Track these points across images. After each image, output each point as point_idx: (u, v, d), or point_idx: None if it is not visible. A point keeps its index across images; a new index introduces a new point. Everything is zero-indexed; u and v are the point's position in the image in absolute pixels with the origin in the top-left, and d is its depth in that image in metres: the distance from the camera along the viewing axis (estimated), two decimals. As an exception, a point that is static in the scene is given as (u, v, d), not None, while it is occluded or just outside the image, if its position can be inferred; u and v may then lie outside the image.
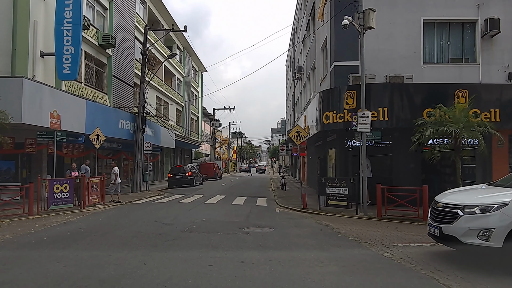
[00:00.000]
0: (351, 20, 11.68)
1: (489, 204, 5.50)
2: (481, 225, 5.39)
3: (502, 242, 5.21)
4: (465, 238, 5.49)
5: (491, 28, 13.83)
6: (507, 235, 5.21)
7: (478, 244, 5.39)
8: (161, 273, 5.30)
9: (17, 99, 12.10)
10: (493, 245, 5.27)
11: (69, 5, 14.06)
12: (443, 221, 5.87)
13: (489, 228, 5.31)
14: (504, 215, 5.29)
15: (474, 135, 10.56)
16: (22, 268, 5.58)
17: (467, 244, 5.49)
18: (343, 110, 13.33)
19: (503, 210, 5.33)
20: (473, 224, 5.46)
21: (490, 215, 5.38)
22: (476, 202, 5.68)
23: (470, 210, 5.57)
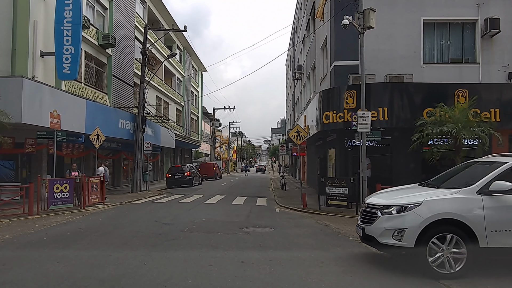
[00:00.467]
0: (351, 19, 11.67)
1: (403, 204, 5.56)
2: (395, 225, 5.45)
3: (414, 242, 5.26)
4: (381, 238, 5.56)
5: (491, 27, 13.82)
6: (419, 235, 5.25)
7: (393, 244, 5.44)
8: (161, 273, 5.30)
9: (17, 99, 12.10)
10: (405, 245, 5.32)
11: (69, 5, 14.06)
12: (366, 222, 5.93)
13: (402, 228, 5.37)
14: (417, 215, 5.34)
15: (474, 134, 10.56)
16: (22, 268, 5.58)
17: (383, 244, 5.55)
18: (343, 110, 13.33)
19: (416, 210, 5.37)
20: (389, 224, 5.52)
21: (404, 215, 5.44)
22: (394, 202, 5.74)
23: (387, 210, 5.63)
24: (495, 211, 5.26)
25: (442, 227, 5.28)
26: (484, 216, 5.22)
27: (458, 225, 5.25)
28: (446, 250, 5.21)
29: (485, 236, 5.19)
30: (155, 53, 26.90)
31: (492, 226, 5.20)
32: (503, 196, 5.30)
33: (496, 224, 5.22)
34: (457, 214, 5.26)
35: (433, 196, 5.70)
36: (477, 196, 5.36)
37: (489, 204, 5.29)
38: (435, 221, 5.27)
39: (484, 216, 5.22)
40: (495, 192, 5.31)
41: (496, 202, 5.31)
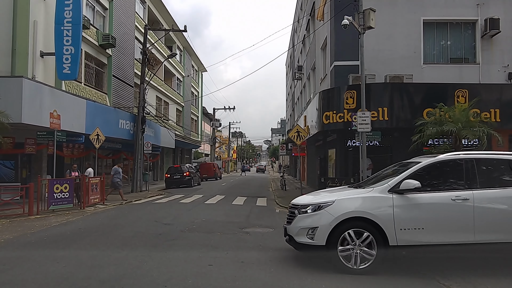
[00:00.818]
0: (351, 20, 11.67)
1: (318, 203, 5.65)
2: (309, 224, 5.55)
3: (325, 240, 5.36)
4: (298, 237, 5.65)
5: (491, 28, 13.83)
6: (330, 234, 5.34)
7: (307, 243, 5.53)
8: (161, 273, 5.29)
9: (17, 99, 12.10)
10: (317, 243, 5.41)
11: (69, 5, 14.06)
12: (288, 222, 6.03)
13: (315, 227, 5.46)
14: (328, 214, 5.43)
15: (474, 134, 10.55)
16: (22, 268, 5.58)
17: (299, 243, 5.63)
18: (343, 110, 13.33)
19: (328, 209, 5.48)
20: (303, 223, 5.62)
21: (317, 214, 5.55)
22: (311, 202, 5.83)
23: (304, 210, 5.72)
24: (403, 209, 5.35)
25: (354, 224, 5.36)
26: (393, 214, 5.30)
27: (370, 223, 5.34)
28: (358, 246, 5.31)
29: (394, 234, 5.27)
30: (155, 53, 26.90)
31: (401, 224, 5.28)
32: (412, 194, 5.39)
33: (404, 222, 5.30)
34: (366, 212, 5.36)
35: (346, 195, 5.85)
36: (388, 194, 5.45)
37: (399, 202, 5.37)
38: (346, 219, 5.35)
39: (393, 214, 5.30)
40: (404, 191, 5.38)
41: (406, 201, 5.39)
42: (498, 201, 5.37)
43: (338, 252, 5.32)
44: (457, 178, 5.61)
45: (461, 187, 5.49)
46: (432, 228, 5.33)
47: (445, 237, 5.33)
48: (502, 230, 5.31)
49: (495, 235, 5.29)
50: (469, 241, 5.28)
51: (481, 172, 5.56)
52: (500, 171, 5.69)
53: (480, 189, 5.42)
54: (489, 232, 5.29)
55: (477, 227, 5.26)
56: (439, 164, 5.78)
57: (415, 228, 5.31)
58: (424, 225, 5.32)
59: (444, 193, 5.44)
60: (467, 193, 5.37)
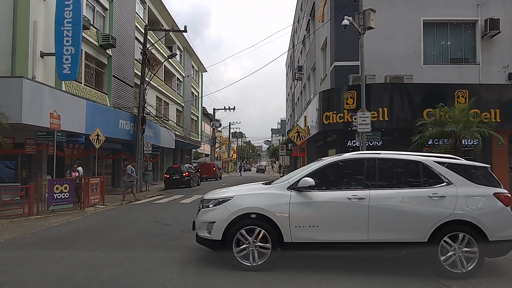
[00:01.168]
0: (351, 20, 11.69)
1: (218, 198, 5.69)
2: (209, 218, 5.59)
3: (221, 235, 5.39)
4: (199, 231, 5.71)
5: (491, 28, 13.84)
6: (226, 228, 5.37)
7: (205, 237, 5.58)
8: (161, 273, 5.29)
9: (17, 99, 12.09)
10: (214, 238, 5.45)
11: (69, 5, 14.06)
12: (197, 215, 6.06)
13: (212, 221, 5.51)
14: (226, 209, 5.47)
15: (474, 135, 10.56)
16: (22, 269, 5.58)
17: (200, 237, 5.68)
18: (343, 110, 13.34)
19: (226, 204, 5.52)
20: (204, 217, 5.67)
21: (216, 208, 5.59)
22: (213, 196, 5.88)
23: (206, 204, 5.77)
24: (300, 206, 5.38)
25: (250, 220, 5.38)
26: (289, 211, 5.33)
27: (266, 220, 5.36)
28: (253, 243, 5.34)
29: (289, 231, 5.30)
30: (155, 53, 26.91)
31: (296, 221, 5.33)
32: (310, 192, 5.42)
33: (300, 219, 5.34)
34: (262, 209, 5.38)
35: (247, 191, 5.93)
36: (287, 191, 5.49)
37: (296, 199, 5.40)
38: (242, 214, 5.38)
39: (289, 212, 5.33)
40: (303, 188, 5.41)
41: (303, 198, 5.42)
42: (393, 201, 5.35)
43: (234, 250, 5.36)
44: (357, 177, 5.63)
45: (360, 186, 5.50)
46: (326, 226, 5.36)
47: (339, 235, 5.35)
48: (394, 230, 5.31)
49: (387, 234, 5.30)
50: (363, 240, 5.29)
51: (382, 172, 5.57)
52: (402, 172, 5.68)
53: (379, 189, 5.44)
54: (381, 232, 5.29)
55: (371, 226, 5.27)
56: (341, 163, 5.80)
57: (310, 225, 5.35)
58: (319, 223, 5.36)
59: (342, 192, 5.45)
60: (364, 192, 5.39)
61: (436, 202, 5.29)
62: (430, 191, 5.35)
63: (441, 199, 5.29)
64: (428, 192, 5.35)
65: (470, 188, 5.38)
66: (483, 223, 5.17)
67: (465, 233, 5.18)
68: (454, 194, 5.30)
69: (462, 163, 5.68)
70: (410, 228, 5.28)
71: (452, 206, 5.23)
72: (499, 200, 5.33)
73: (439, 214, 5.22)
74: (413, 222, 5.27)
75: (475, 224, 5.18)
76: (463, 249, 5.17)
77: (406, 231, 5.29)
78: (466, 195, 5.30)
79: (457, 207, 5.22)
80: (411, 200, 5.36)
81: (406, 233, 5.28)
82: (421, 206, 5.30)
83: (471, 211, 5.21)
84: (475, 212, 5.22)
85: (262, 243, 5.34)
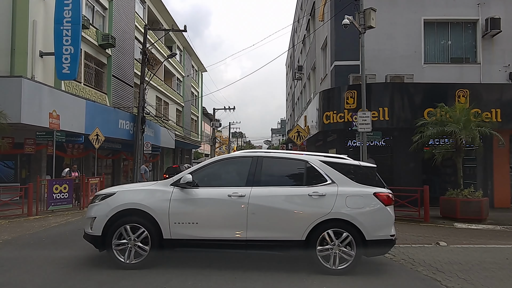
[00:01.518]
0: (352, 19, 11.64)
1: (104, 194, 5.70)
2: (93, 213, 5.56)
3: (101, 230, 5.36)
4: (85, 226, 5.67)
5: (492, 27, 13.79)
6: (106, 224, 5.35)
7: (89, 233, 5.52)
8: (160, 274, 5.25)
9: (16, 99, 12.05)
10: (94, 233, 5.41)
11: (69, 5, 14.02)
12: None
13: (94, 217, 5.48)
14: (107, 204, 5.46)
15: (475, 135, 10.52)
16: (20, 270, 5.53)
17: (86, 233, 5.63)
18: (343, 110, 13.29)
19: (108, 200, 5.52)
20: (89, 213, 5.66)
21: (99, 204, 5.57)
22: (100, 192, 5.91)
23: (94, 200, 5.76)
24: (180, 203, 5.39)
25: (133, 217, 5.38)
26: (169, 207, 5.33)
27: (146, 216, 5.35)
28: (134, 241, 5.33)
29: (169, 228, 5.30)
30: (155, 53, 26.86)
31: (176, 218, 5.33)
32: (192, 189, 5.44)
33: (179, 216, 5.34)
34: (141, 204, 5.37)
35: (131, 187, 5.93)
36: (169, 188, 5.50)
37: (177, 196, 5.41)
38: (122, 210, 5.36)
39: (169, 208, 5.32)
40: (183, 185, 5.42)
41: (184, 195, 5.43)
42: (273, 199, 5.35)
43: (113, 242, 5.33)
44: (242, 175, 5.63)
45: (243, 184, 5.49)
46: (206, 223, 5.37)
47: (218, 233, 5.35)
48: (272, 228, 5.31)
49: (266, 233, 5.30)
50: (242, 238, 5.29)
51: (267, 170, 5.59)
52: (287, 171, 5.71)
53: (262, 187, 5.43)
54: (260, 230, 5.30)
55: (250, 224, 5.27)
56: (227, 161, 5.86)
57: (190, 222, 5.34)
58: (199, 220, 5.35)
59: (224, 189, 5.45)
60: (245, 190, 5.38)
61: (315, 201, 5.30)
62: (311, 190, 5.38)
63: (321, 198, 5.31)
64: (309, 191, 5.37)
65: (352, 188, 5.41)
66: (360, 222, 5.22)
67: (343, 232, 5.23)
68: (334, 193, 5.33)
69: (347, 163, 5.71)
70: (288, 226, 5.30)
71: (331, 205, 5.26)
72: (379, 199, 5.35)
73: (317, 212, 5.25)
74: (291, 221, 5.31)
75: (353, 223, 5.21)
76: (340, 247, 5.22)
77: (284, 229, 5.31)
78: (347, 194, 5.33)
79: (335, 206, 5.25)
80: (291, 198, 5.38)
81: (284, 231, 5.31)
82: (300, 204, 5.34)
83: (349, 210, 5.25)
84: (353, 211, 5.25)
85: (142, 244, 5.35)
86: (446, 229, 9.60)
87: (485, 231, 9.38)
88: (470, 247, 7.28)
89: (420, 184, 11.85)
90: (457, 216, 10.35)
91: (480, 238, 8.32)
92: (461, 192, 10.60)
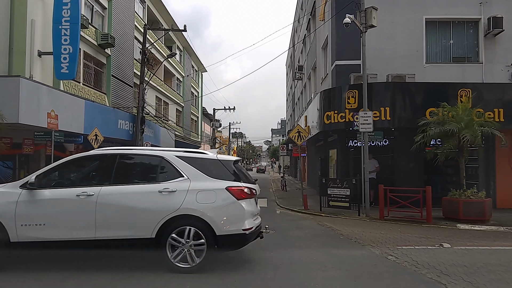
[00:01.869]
0: (353, 18, 11.52)
1: None
2: None
3: None
4: None
5: (494, 26, 13.67)
6: None
7: None
8: (158, 277, 5.12)
9: (14, 99, 11.91)
10: None
11: (67, 4, 13.87)
12: None
13: None
14: None
15: (477, 134, 10.39)
16: (14, 273, 5.41)
17: None
18: (344, 109, 13.18)
19: None
20: None
21: None
22: None
23: None
24: (28, 205, 5.26)
25: None
26: (16, 210, 5.20)
27: None
28: None
29: (15, 230, 5.15)
30: (155, 53, 26.75)
31: (23, 219, 5.19)
32: (38, 190, 5.30)
33: (26, 217, 5.21)
34: None
35: None
36: (18, 190, 5.35)
37: (24, 198, 5.27)
38: None
39: (16, 210, 5.19)
40: (30, 186, 5.28)
41: (31, 196, 5.29)
42: (121, 197, 5.25)
43: None
44: (95, 173, 5.54)
45: (95, 183, 5.39)
46: (53, 224, 5.23)
47: (67, 233, 5.23)
48: (121, 226, 5.21)
49: (115, 231, 5.20)
50: (91, 237, 5.20)
51: (121, 168, 5.50)
52: (142, 168, 5.65)
53: (113, 185, 5.32)
54: (108, 229, 5.20)
55: (98, 223, 5.17)
56: (81, 160, 5.73)
57: (37, 224, 5.22)
58: (46, 221, 5.23)
59: (73, 189, 5.34)
60: (94, 189, 5.28)
61: (164, 197, 5.22)
62: (162, 186, 5.28)
63: (171, 194, 5.23)
64: (159, 187, 5.28)
65: (205, 183, 5.33)
66: (210, 217, 5.15)
67: (192, 228, 5.14)
68: (185, 189, 5.25)
69: (203, 157, 5.61)
70: (137, 224, 5.21)
71: (180, 201, 5.18)
72: (231, 194, 5.28)
73: (166, 209, 5.16)
74: (140, 218, 5.21)
75: (203, 218, 5.13)
76: (191, 243, 5.13)
77: (133, 227, 5.22)
78: (198, 189, 5.25)
79: (185, 202, 5.17)
80: (141, 196, 5.27)
81: (133, 229, 5.22)
82: (149, 202, 5.23)
83: (199, 206, 5.18)
84: (203, 206, 5.18)
85: None
86: (449, 230, 9.47)
87: (488, 232, 9.26)
88: (475, 249, 7.15)
89: (422, 184, 11.74)
90: (460, 217, 10.23)
91: (484, 240, 8.19)
92: (464, 193, 10.48)
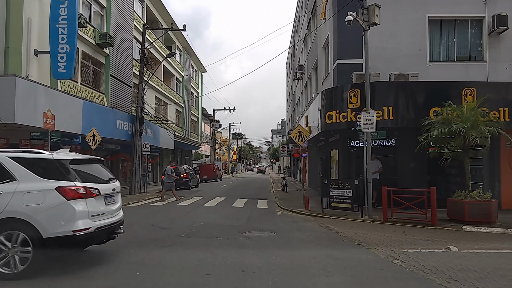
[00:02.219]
0: (355, 16, 11.29)
1: None
2: None
3: None
4: None
5: (498, 24, 13.41)
6: None
7: None
8: (155, 283, 4.89)
9: (10, 99, 11.69)
10: None
11: (64, 2, 13.66)
12: None
13: None
14: None
15: (487, 135, 10.14)
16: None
17: None
18: (346, 109, 12.94)
19: None
20: None
21: None
22: None
23: None
24: None
25: None
26: None
27: None
28: None
29: None
30: (154, 53, 26.54)
31: None
32: None
33: None
34: None
35: None
36: None
37: None
38: None
39: None
40: None
41: None
42: None
43: None
44: None
45: None
46: None
47: None
48: None
49: None
50: None
51: None
52: None
53: None
54: None
55: None
56: None
57: None
58: None
59: None
60: None
61: None
62: None
63: None
64: None
65: (33, 183, 5.13)
66: (36, 220, 4.95)
67: (21, 233, 4.92)
68: (11, 191, 5.04)
69: (35, 157, 5.40)
70: None
71: (4, 204, 4.97)
72: (61, 194, 5.08)
73: None
74: None
75: (28, 221, 4.92)
76: (17, 248, 4.90)
77: None
78: (25, 191, 5.05)
79: (10, 205, 4.97)
80: None
81: None
82: None
83: (25, 208, 4.97)
84: (29, 208, 4.98)
85: None
86: (454, 232, 9.23)
87: (495, 235, 9.02)
88: (483, 252, 6.90)
89: (425, 185, 11.48)
90: (465, 218, 9.98)
91: (492, 242, 7.95)
92: (469, 194, 10.23)
